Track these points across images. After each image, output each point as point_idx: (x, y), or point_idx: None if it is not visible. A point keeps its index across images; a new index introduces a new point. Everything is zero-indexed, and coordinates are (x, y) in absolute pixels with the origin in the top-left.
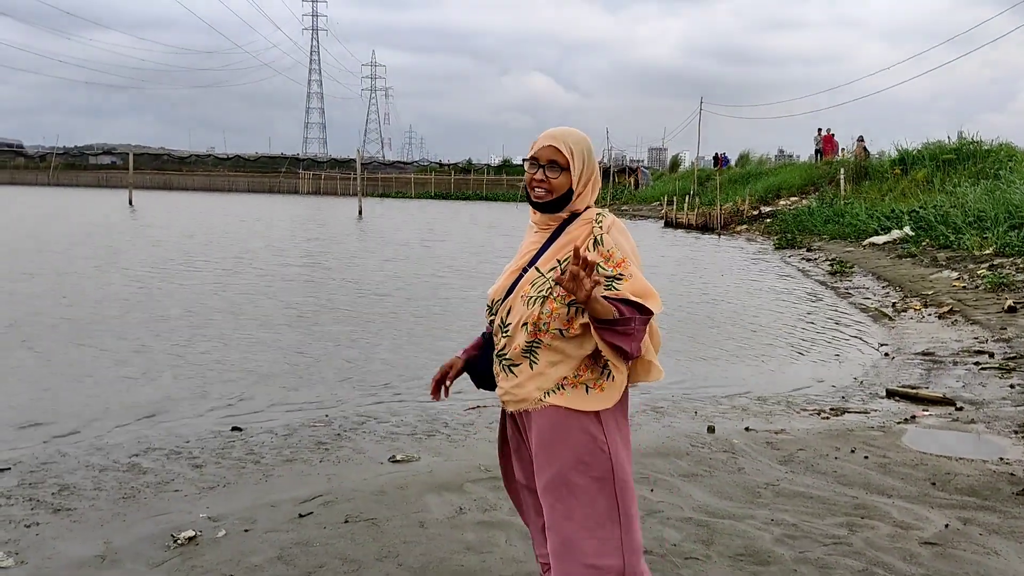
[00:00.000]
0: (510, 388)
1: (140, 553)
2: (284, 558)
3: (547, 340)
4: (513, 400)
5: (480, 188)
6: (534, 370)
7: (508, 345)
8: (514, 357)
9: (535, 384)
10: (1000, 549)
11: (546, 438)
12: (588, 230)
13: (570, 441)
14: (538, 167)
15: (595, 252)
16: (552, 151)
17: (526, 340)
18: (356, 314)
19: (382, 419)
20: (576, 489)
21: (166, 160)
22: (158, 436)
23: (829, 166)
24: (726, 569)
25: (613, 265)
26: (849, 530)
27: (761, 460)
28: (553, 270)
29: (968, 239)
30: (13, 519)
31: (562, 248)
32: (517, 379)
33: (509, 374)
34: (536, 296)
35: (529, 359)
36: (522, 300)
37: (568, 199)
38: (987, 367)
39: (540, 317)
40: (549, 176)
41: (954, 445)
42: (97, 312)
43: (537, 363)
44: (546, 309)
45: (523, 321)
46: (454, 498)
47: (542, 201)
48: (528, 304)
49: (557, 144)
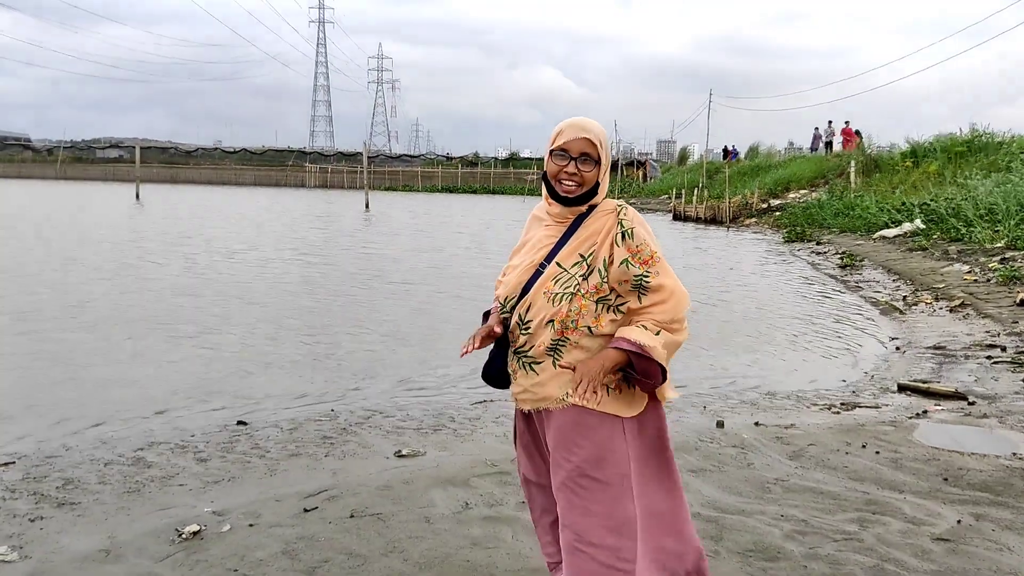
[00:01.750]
0: (530, 386)
1: (144, 548)
2: (289, 553)
3: (575, 338)
4: (532, 399)
5: (487, 182)
6: (557, 368)
7: (529, 342)
8: (536, 355)
9: (558, 383)
10: (1013, 545)
11: (566, 436)
12: (609, 222)
13: (591, 438)
14: (569, 159)
15: (623, 246)
16: (586, 143)
17: (552, 338)
18: (364, 308)
19: (388, 413)
20: (594, 486)
21: (173, 154)
22: (163, 430)
23: (839, 159)
24: (735, 565)
25: (640, 262)
26: (860, 526)
27: (771, 455)
28: (577, 264)
29: (979, 232)
30: (17, 513)
31: (584, 242)
32: (539, 377)
33: (529, 371)
34: (563, 293)
35: (553, 357)
36: (545, 296)
37: (594, 192)
38: (999, 361)
39: (568, 314)
40: (582, 169)
41: (966, 440)
42: (100, 307)
43: (561, 361)
44: (574, 306)
45: (548, 318)
46: (460, 493)
47: (572, 196)
48: (553, 301)
49: (590, 136)
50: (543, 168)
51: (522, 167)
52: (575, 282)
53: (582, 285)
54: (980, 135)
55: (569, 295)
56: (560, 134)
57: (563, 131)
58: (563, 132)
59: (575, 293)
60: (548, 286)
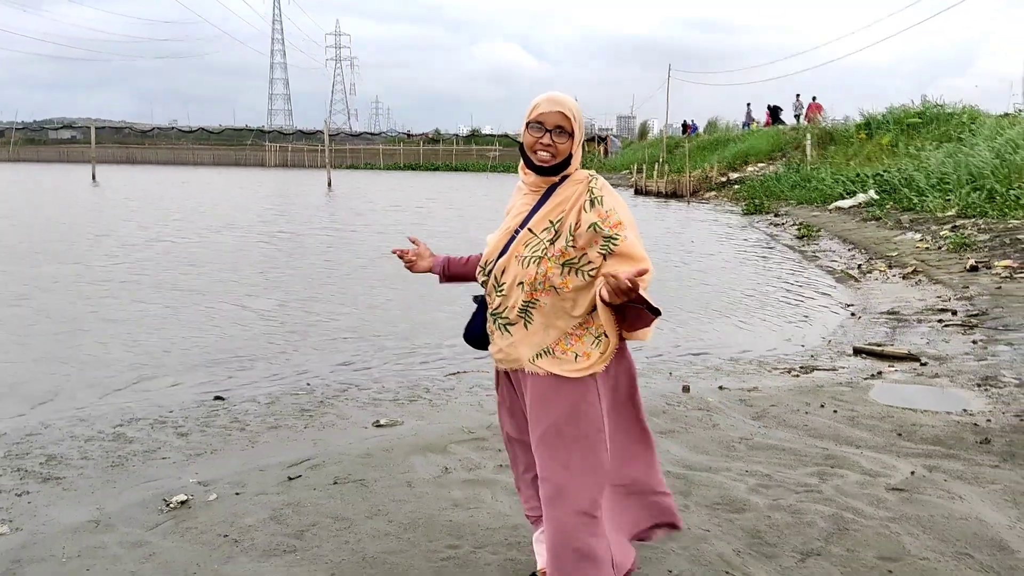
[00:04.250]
0: (505, 347)
1: (134, 517)
2: (277, 518)
3: (543, 300)
4: (507, 359)
5: (449, 159)
6: (528, 330)
7: (503, 304)
8: (510, 316)
9: (528, 345)
10: (964, 494)
11: (540, 395)
12: (579, 191)
13: (565, 396)
14: (545, 131)
15: (592, 212)
16: (560, 117)
17: (523, 300)
18: (332, 284)
19: (364, 386)
20: (569, 440)
21: (128, 134)
22: (140, 407)
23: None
24: (704, 517)
25: (609, 226)
26: (820, 479)
27: (735, 416)
28: (546, 230)
29: (931, 201)
30: (3, 488)
31: (554, 209)
32: (512, 338)
33: (505, 333)
34: (531, 256)
35: (524, 319)
36: (517, 260)
37: (568, 163)
38: (950, 324)
39: (536, 276)
40: (556, 141)
41: (919, 398)
42: (65, 287)
43: (531, 323)
44: (541, 269)
45: (519, 280)
46: (439, 459)
47: (547, 165)
48: (523, 264)
49: (564, 110)
50: (506, 143)
51: (484, 143)
52: (543, 246)
53: (549, 249)
54: (932, 107)
55: (537, 259)
56: (536, 107)
57: (539, 104)
58: (539, 105)
59: (542, 257)
60: (519, 250)
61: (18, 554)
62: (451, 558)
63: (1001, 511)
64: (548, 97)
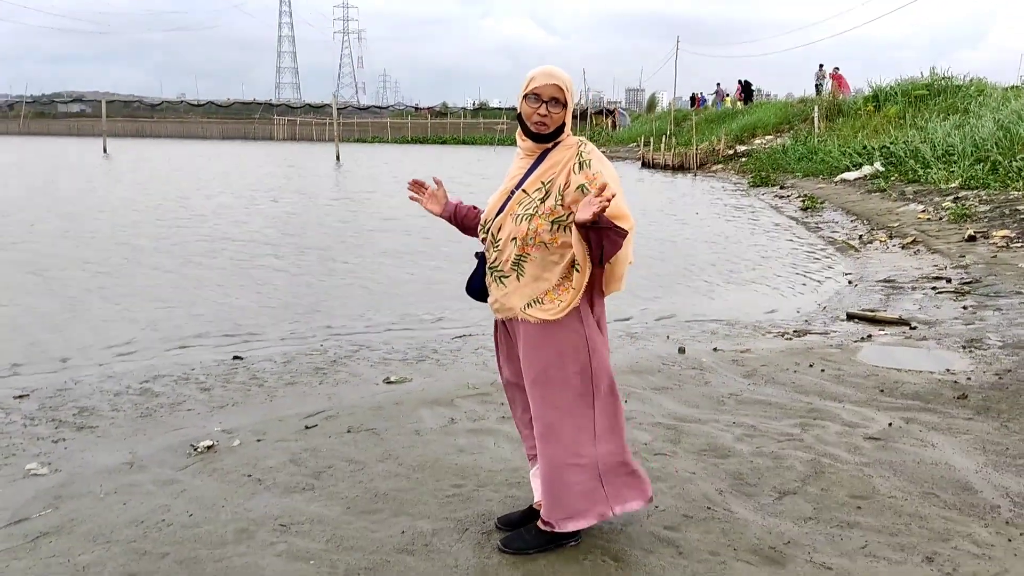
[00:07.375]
0: (500, 297)
1: (164, 460)
2: (296, 461)
3: (534, 254)
4: (502, 308)
5: (457, 132)
6: (520, 282)
7: (499, 258)
8: (504, 269)
9: (520, 295)
10: (937, 443)
11: (531, 342)
12: (569, 155)
13: (552, 342)
14: (541, 102)
15: (580, 174)
16: (555, 89)
17: (516, 253)
18: (344, 249)
19: (374, 347)
20: (558, 381)
21: (137, 107)
22: (164, 365)
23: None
24: (691, 462)
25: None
26: (802, 429)
27: (726, 375)
28: (538, 190)
29: (935, 173)
30: (40, 436)
31: (546, 171)
32: (506, 289)
33: (500, 284)
34: (523, 214)
35: (517, 272)
36: (512, 218)
37: (561, 130)
38: (943, 291)
39: (527, 232)
40: (551, 111)
41: (904, 359)
42: (86, 254)
43: (523, 276)
44: (532, 226)
45: (512, 236)
46: (446, 411)
47: (543, 133)
48: (517, 221)
49: (559, 83)
50: (513, 117)
51: (492, 117)
52: (534, 205)
53: (539, 208)
54: (940, 79)
55: (528, 216)
56: (532, 80)
57: (535, 77)
58: (535, 78)
59: (533, 214)
60: (514, 208)
61: (59, 491)
62: (456, 495)
63: (970, 457)
64: (543, 71)
